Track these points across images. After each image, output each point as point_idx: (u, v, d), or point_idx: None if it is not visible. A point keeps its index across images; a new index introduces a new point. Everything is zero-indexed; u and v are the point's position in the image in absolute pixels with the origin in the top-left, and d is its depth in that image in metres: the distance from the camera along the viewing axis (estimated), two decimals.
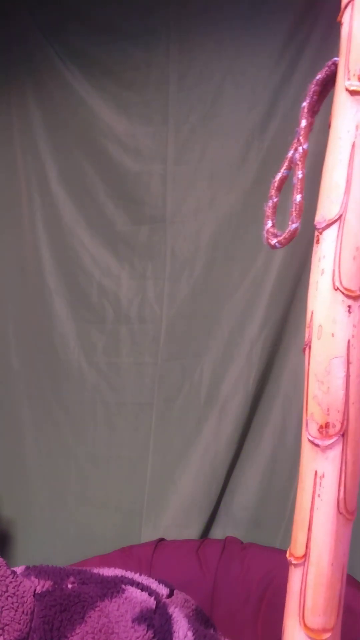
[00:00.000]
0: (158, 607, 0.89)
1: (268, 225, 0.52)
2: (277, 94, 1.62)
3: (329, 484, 0.45)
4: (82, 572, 0.86)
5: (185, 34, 1.69)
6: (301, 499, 0.46)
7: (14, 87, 1.88)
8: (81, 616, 0.74)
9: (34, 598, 0.77)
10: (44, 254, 1.88)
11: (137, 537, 1.76)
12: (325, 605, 0.46)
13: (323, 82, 0.49)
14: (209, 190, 1.72)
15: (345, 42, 0.44)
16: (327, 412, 0.44)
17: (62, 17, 1.81)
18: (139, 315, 1.80)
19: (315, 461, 0.45)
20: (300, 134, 0.50)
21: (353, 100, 0.45)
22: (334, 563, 0.46)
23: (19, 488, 1.90)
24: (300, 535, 0.46)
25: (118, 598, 0.79)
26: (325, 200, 0.45)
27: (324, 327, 0.45)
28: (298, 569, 0.45)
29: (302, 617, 0.46)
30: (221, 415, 1.71)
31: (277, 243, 0.50)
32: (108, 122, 1.79)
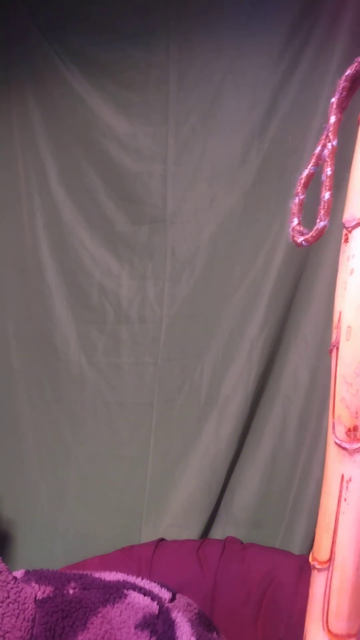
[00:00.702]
0: (161, 612, 0.88)
1: (294, 223, 0.51)
2: (277, 93, 1.62)
3: (356, 488, 0.45)
4: (83, 577, 0.85)
5: (185, 33, 1.68)
6: (326, 503, 0.45)
7: (14, 86, 1.88)
8: (83, 622, 0.73)
9: (35, 604, 0.76)
10: (44, 254, 1.88)
11: (137, 537, 1.76)
12: (349, 610, 0.45)
13: (352, 78, 0.48)
14: (209, 190, 1.72)
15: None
16: (355, 415, 0.44)
17: (62, 17, 1.80)
18: (139, 315, 1.81)
19: (342, 465, 0.45)
20: (329, 130, 0.49)
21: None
22: (359, 568, 0.45)
23: (19, 488, 1.90)
24: (324, 540, 0.45)
25: (120, 603, 0.78)
26: (355, 198, 0.45)
27: (353, 328, 0.44)
28: (322, 573, 0.46)
29: (326, 622, 0.45)
30: (221, 415, 1.71)
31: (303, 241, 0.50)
32: (108, 122, 1.79)
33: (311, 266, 1.62)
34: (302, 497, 1.61)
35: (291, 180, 1.65)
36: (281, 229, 1.64)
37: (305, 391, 1.64)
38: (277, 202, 1.64)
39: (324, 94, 1.56)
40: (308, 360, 1.64)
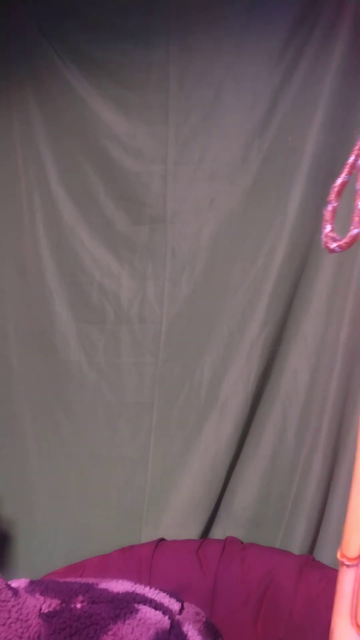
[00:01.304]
0: (172, 627, 0.85)
1: (327, 229, 0.52)
2: (277, 93, 1.62)
3: None
4: (91, 589, 0.81)
5: (185, 33, 1.69)
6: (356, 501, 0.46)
7: (14, 87, 1.88)
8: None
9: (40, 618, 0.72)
10: (44, 254, 1.88)
11: (137, 537, 1.76)
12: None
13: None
14: (209, 190, 1.72)
15: None
16: None
17: (62, 17, 1.81)
18: (140, 315, 1.81)
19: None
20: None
21: None
22: None
23: (19, 488, 1.90)
24: (354, 537, 0.46)
25: (132, 620, 0.75)
26: None
27: None
28: (351, 569, 0.46)
29: (356, 617, 0.45)
30: (221, 415, 1.71)
31: (337, 247, 0.50)
32: (108, 122, 1.79)
33: (311, 266, 1.62)
34: (302, 497, 1.61)
35: (291, 181, 1.67)
36: (281, 229, 1.64)
37: (305, 391, 1.64)
38: (277, 202, 1.64)
39: (324, 94, 1.56)
40: (308, 360, 1.64)
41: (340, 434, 1.57)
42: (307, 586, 1.38)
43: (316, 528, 1.58)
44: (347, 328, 1.55)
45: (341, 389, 1.56)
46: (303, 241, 1.62)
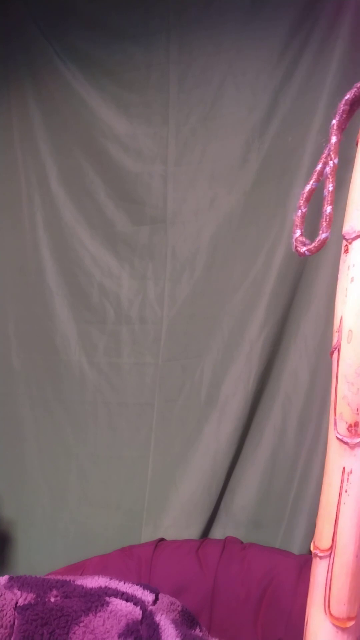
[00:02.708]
0: (144, 617, 0.88)
1: (297, 234, 0.55)
2: (277, 94, 1.63)
3: (356, 480, 0.48)
4: (65, 585, 0.84)
5: (185, 34, 1.69)
6: (327, 494, 0.49)
7: (14, 87, 1.89)
8: (65, 632, 0.72)
9: (15, 611, 0.75)
10: (44, 254, 1.88)
11: (137, 537, 1.76)
12: (349, 595, 0.48)
13: (351, 102, 0.51)
14: (209, 191, 1.72)
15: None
16: (356, 411, 0.47)
17: (62, 18, 1.81)
18: (140, 315, 1.81)
19: (343, 458, 0.48)
20: (330, 149, 0.53)
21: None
22: (358, 554, 0.48)
23: (19, 488, 1.90)
24: (326, 529, 0.48)
25: (103, 612, 0.77)
26: (355, 212, 0.49)
27: (354, 331, 0.48)
28: (323, 560, 0.49)
29: (328, 606, 0.48)
30: (221, 415, 1.71)
31: (306, 251, 0.53)
32: (108, 123, 1.79)
33: (311, 266, 1.62)
34: (302, 497, 1.61)
35: (291, 181, 1.67)
36: (281, 229, 1.64)
37: (305, 391, 1.64)
38: (277, 203, 1.64)
39: (324, 95, 1.56)
40: (308, 360, 1.64)
41: None
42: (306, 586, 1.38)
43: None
44: None
45: None
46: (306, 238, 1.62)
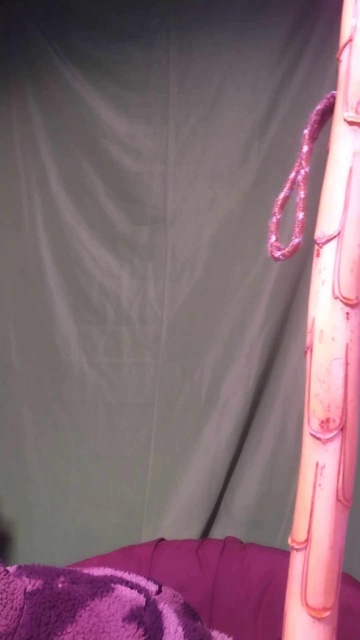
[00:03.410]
0: (148, 604, 0.91)
1: (272, 239, 0.58)
2: (277, 94, 1.62)
3: (329, 474, 0.50)
4: (72, 572, 0.88)
5: (185, 34, 1.69)
6: (303, 489, 0.51)
7: (14, 87, 1.89)
8: (72, 614, 0.75)
9: (24, 596, 0.79)
10: (44, 254, 1.88)
11: (137, 537, 1.76)
12: (325, 586, 0.52)
13: (322, 112, 0.54)
14: (209, 191, 1.72)
15: (344, 78, 0.50)
16: (327, 408, 0.50)
17: (62, 18, 1.81)
18: (140, 315, 1.81)
19: (317, 453, 0.50)
20: (302, 158, 0.55)
21: (350, 130, 0.51)
22: (333, 547, 0.51)
23: (20, 488, 1.90)
24: (302, 522, 0.51)
25: (108, 597, 0.81)
26: (325, 218, 0.51)
27: (325, 332, 0.50)
28: (300, 553, 0.50)
29: (304, 597, 0.51)
30: (221, 415, 1.71)
31: (280, 255, 0.56)
32: (108, 123, 1.79)
33: (311, 267, 1.62)
34: None
35: None
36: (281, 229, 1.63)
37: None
38: None
39: (324, 94, 1.55)
40: None
41: None
42: None
43: None
44: None
45: None
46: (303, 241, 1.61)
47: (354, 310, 0.51)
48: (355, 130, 0.51)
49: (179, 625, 0.90)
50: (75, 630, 0.73)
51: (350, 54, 0.52)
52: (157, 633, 0.84)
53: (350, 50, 0.51)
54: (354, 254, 0.51)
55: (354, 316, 0.51)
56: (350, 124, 0.51)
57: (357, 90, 0.50)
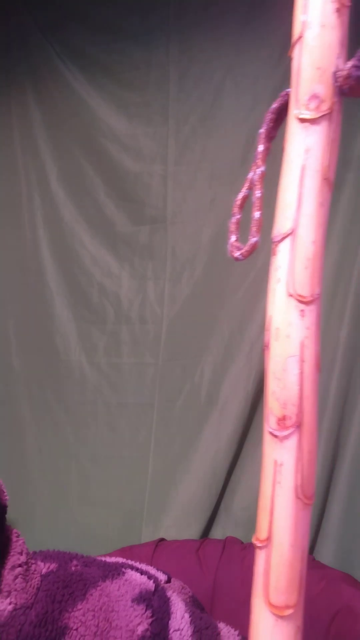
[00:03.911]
0: (157, 590, 0.94)
1: (232, 239, 0.60)
2: (277, 93, 1.61)
3: (288, 472, 0.50)
4: (85, 557, 0.94)
5: (185, 34, 1.69)
6: (264, 487, 0.52)
7: (14, 87, 1.89)
8: (83, 593, 0.79)
9: (40, 577, 0.84)
10: (44, 254, 1.88)
11: (137, 537, 1.76)
12: (287, 584, 0.51)
13: (278, 111, 0.55)
14: (209, 191, 1.72)
15: (295, 75, 0.50)
16: (284, 406, 0.50)
17: (62, 17, 1.81)
18: (140, 315, 1.81)
19: (275, 451, 0.51)
20: (258, 157, 0.56)
21: (302, 127, 0.51)
22: (294, 544, 0.50)
23: (19, 488, 1.90)
24: (263, 520, 0.51)
25: (119, 580, 0.85)
26: (280, 216, 0.51)
27: (280, 329, 0.51)
28: (262, 551, 0.51)
29: (267, 595, 0.50)
30: (221, 415, 1.71)
31: (239, 255, 0.58)
32: (108, 122, 1.79)
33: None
34: None
35: None
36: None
37: None
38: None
39: None
40: None
41: (340, 434, 1.57)
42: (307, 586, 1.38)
43: (316, 528, 1.58)
44: (347, 328, 1.55)
45: (341, 389, 1.56)
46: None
47: (309, 308, 0.51)
48: (306, 127, 0.51)
49: (186, 612, 0.92)
50: (86, 608, 0.77)
51: (300, 51, 0.52)
52: (164, 616, 0.87)
53: (301, 47, 0.52)
54: (308, 251, 0.51)
55: (309, 313, 0.51)
56: (302, 121, 0.51)
57: (307, 88, 0.51)
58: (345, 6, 0.52)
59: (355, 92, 0.51)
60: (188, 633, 0.89)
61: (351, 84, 0.50)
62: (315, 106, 0.52)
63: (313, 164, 0.52)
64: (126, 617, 0.77)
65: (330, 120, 0.52)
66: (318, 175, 0.52)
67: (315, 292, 0.52)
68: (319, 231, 0.52)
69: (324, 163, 0.53)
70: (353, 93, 0.52)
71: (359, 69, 0.49)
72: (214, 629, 0.96)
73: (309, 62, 0.51)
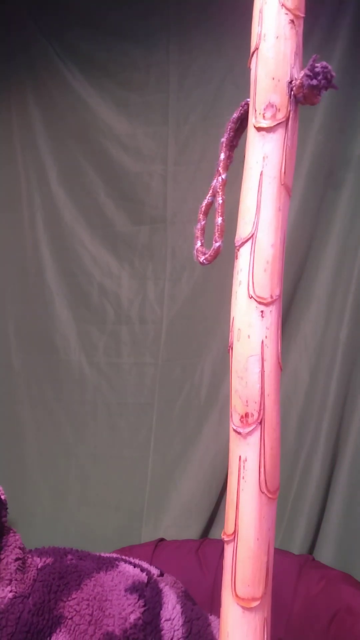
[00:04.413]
0: (149, 582, 0.97)
1: (197, 245, 0.62)
2: None
3: (251, 467, 0.52)
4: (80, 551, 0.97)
5: (185, 34, 1.69)
6: (230, 482, 0.54)
7: (14, 87, 1.89)
8: (77, 583, 0.83)
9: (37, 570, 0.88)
10: (44, 254, 1.88)
11: (137, 537, 1.76)
12: (253, 577, 0.52)
13: (238, 120, 0.56)
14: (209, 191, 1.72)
15: (253, 85, 0.52)
16: (246, 403, 0.53)
17: (62, 18, 1.81)
18: (140, 315, 1.81)
19: (239, 447, 0.54)
20: (219, 165, 0.58)
21: (259, 135, 0.54)
22: (259, 538, 0.52)
23: (19, 488, 1.90)
24: (230, 515, 0.54)
25: (112, 571, 0.89)
26: (241, 221, 0.54)
27: (242, 330, 0.55)
28: (229, 545, 0.53)
29: (234, 588, 0.51)
30: (221, 415, 1.71)
31: (204, 260, 0.61)
32: (108, 122, 1.79)
33: (311, 266, 1.62)
34: (302, 497, 1.61)
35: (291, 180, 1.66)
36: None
37: (305, 391, 1.64)
38: None
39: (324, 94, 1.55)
40: (308, 360, 1.64)
41: (340, 434, 1.57)
42: (306, 586, 1.38)
43: (316, 528, 1.58)
44: (347, 328, 1.55)
45: (341, 389, 1.56)
46: (302, 241, 1.62)
47: (269, 308, 0.54)
48: (263, 135, 0.54)
49: (178, 603, 0.96)
50: (80, 597, 0.80)
51: (257, 62, 0.54)
52: (156, 606, 0.90)
53: (257, 58, 0.53)
54: (267, 254, 0.54)
55: (269, 314, 0.54)
56: (259, 130, 0.53)
57: (263, 97, 0.52)
58: (299, 17, 0.54)
59: (309, 100, 0.53)
60: (179, 623, 0.92)
61: (305, 92, 0.51)
62: (271, 115, 0.54)
63: (270, 171, 0.54)
64: (119, 606, 0.80)
65: (286, 128, 0.53)
66: (276, 182, 0.54)
67: (275, 294, 0.55)
68: (278, 235, 0.55)
69: (281, 170, 0.54)
70: (307, 101, 0.54)
71: (311, 78, 0.51)
72: (204, 620, 0.98)
73: (264, 73, 0.53)
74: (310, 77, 0.51)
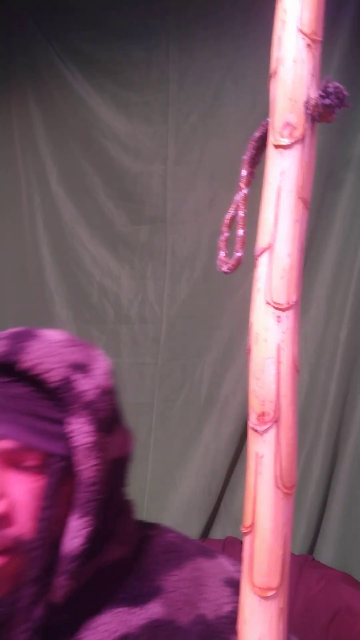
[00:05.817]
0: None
1: (221, 255, 0.66)
2: None
3: (267, 463, 0.56)
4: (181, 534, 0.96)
5: (185, 33, 1.69)
6: (248, 478, 0.58)
7: (14, 87, 1.89)
8: (178, 563, 0.84)
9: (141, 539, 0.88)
10: (44, 253, 1.88)
11: None
12: (269, 568, 0.57)
13: (260, 139, 0.62)
14: (209, 191, 1.72)
15: (272, 106, 0.58)
16: (263, 403, 0.57)
17: (62, 19, 1.81)
18: (140, 315, 1.81)
19: (256, 445, 0.57)
20: (241, 181, 0.63)
21: (277, 152, 0.59)
22: (274, 531, 0.57)
23: None
24: (248, 508, 0.58)
25: (213, 560, 0.88)
26: (260, 232, 0.59)
27: (259, 334, 0.58)
28: (247, 537, 0.57)
29: (252, 577, 0.57)
30: (221, 415, 1.71)
31: (227, 269, 0.64)
32: (108, 122, 1.80)
33: (311, 266, 1.63)
34: (302, 497, 1.61)
35: None
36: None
37: (305, 391, 1.64)
38: None
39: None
40: (308, 360, 1.64)
41: (340, 434, 1.57)
42: (306, 586, 1.38)
43: (316, 528, 1.58)
44: (347, 328, 1.55)
45: (341, 389, 1.56)
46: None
47: (285, 314, 0.58)
48: (280, 152, 0.59)
49: None
50: (180, 576, 0.82)
51: (275, 84, 0.59)
52: None
53: (275, 81, 0.58)
54: (284, 263, 0.58)
55: (285, 319, 0.58)
56: (276, 147, 0.58)
57: (281, 117, 0.58)
58: (316, 41, 0.59)
59: (325, 118, 0.59)
60: None
61: (320, 111, 0.57)
62: (289, 133, 0.59)
63: (288, 185, 0.59)
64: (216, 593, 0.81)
65: (303, 145, 0.59)
66: (293, 195, 0.59)
67: (291, 300, 0.59)
68: (295, 245, 0.58)
69: (299, 184, 0.60)
70: (323, 119, 0.60)
71: (324, 98, 0.56)
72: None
73: (282, 94, 0.58)
74: (323, 97, 0.56)
